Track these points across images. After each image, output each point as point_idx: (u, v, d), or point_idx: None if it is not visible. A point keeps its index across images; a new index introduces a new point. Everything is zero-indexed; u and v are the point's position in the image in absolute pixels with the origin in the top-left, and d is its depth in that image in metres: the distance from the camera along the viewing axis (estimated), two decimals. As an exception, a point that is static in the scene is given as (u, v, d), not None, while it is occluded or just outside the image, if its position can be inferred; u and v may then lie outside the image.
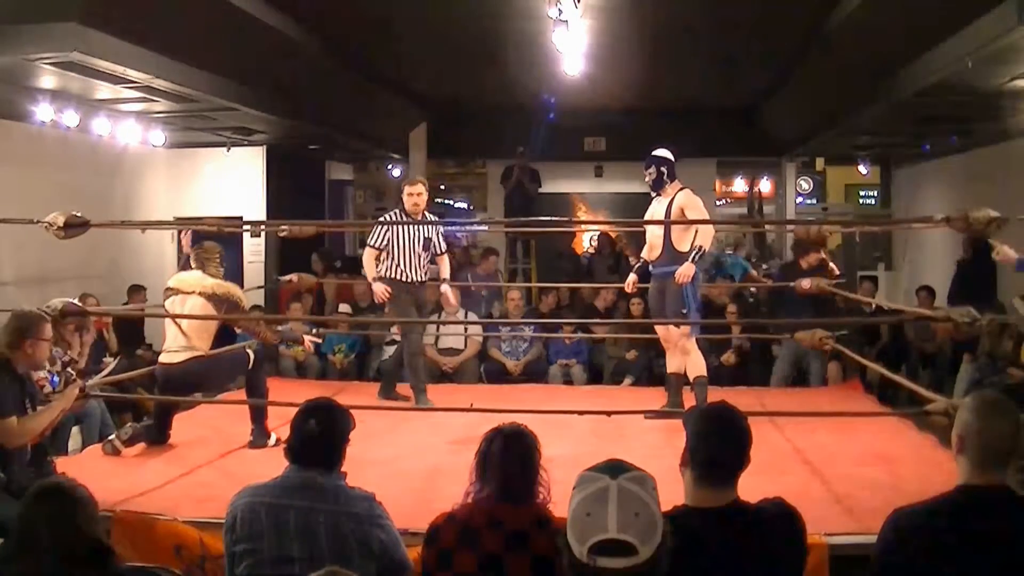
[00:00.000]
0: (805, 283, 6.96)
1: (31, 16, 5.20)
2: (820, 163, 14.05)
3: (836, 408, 6.02)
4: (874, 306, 7.50)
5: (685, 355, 5.75)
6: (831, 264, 7.56)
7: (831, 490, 4.23)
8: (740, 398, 4.85)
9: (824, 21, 6.86)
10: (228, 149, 9.90)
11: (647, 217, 6.00)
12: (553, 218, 11.40)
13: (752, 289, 9.17)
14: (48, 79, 6.26)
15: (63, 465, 4.54)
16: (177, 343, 5.12)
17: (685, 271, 5.53)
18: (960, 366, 7.42)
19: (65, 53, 5.41)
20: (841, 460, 4.79)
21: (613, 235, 10.91)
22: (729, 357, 7.75)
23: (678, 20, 7.11)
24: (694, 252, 5.56)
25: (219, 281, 5.23)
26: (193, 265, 5.32)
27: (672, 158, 5.78)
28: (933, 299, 8.33)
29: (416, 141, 12.04)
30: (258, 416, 5.18)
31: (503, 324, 8.13)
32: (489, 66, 8.69)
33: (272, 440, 5.10)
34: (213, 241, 5.54)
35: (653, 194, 5.89)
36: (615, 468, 1.76)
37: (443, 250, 6.48)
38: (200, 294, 5.13)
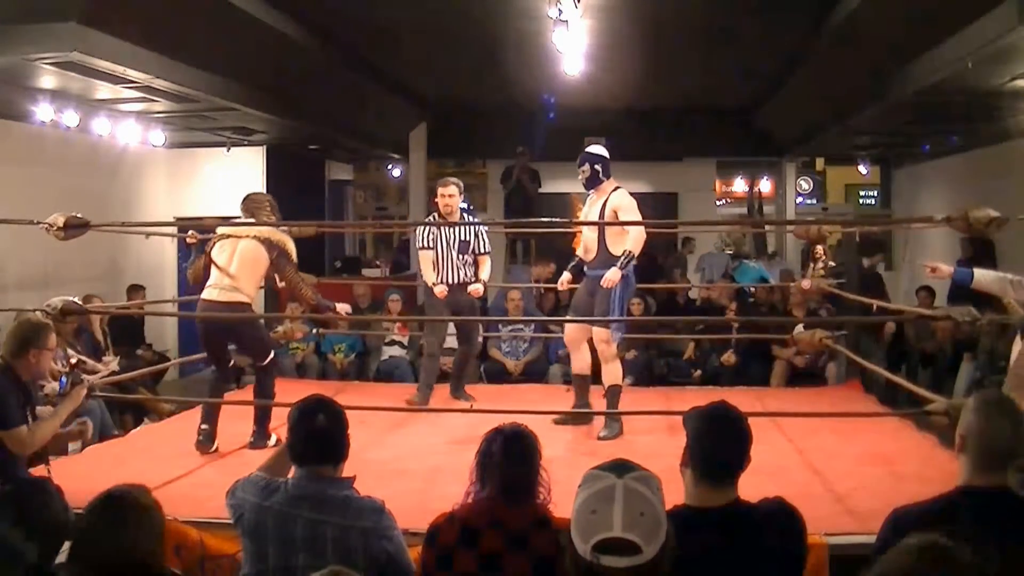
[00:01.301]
0: (805, 283, 6.96)
1: (31, 16, 5.20)
2: (820, 163, 14.07)
3: (836, 408, 6.01)
4: (875, 308, 7.51)
5: (604, 361, 5.52)
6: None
7: (831, 490, 4.23)
8: (740, 398, 4.85)
9: (824, 21, 6.86)
10: (228, 149, 9.90)
11: (583, 217, 5.78)
12: (553, 218, 11.40)
13: (752, 289, 9.18)
14: (48, 79, 6.26)
15: (64, 465, 4.54)
16: (224, 283, 5.05)
17: (611, 276, 5.27)
18: (960, 366, 7.43)
19: (65, 53, 5.41)
20: (841, 460, 4.79)
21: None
22: (729, 357, 7.75)
23: (678, 20, 7.11)
24: (623, 258, 5.32)
25: (273, 228, 5.20)
26: (244, 216, 5.28)
27: (607, 155, 5.56)
28: (933, 299, 8.33)
29: (416, 141, 12.05)
30: (262, 417, 5.18)
31: (503, 324, 8.12)
32: (489, 66, 8.69)
33: (272, 441, 5.10)
34: (260, 192, 5.48)
35: (587, 192, 5.68)
36: (621, 467, 1.76)
37: (485, 250, 6.30)
38: (255, 237, 5.08)
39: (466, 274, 6.23)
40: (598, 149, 5.58)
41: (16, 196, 7.06)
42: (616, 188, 5.51)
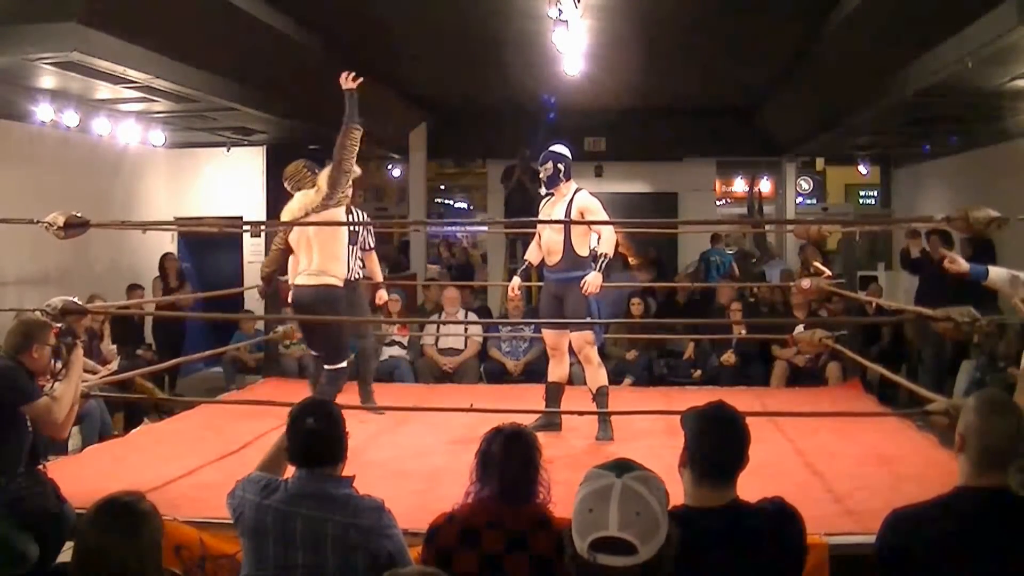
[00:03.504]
0: (805, 283, 6.96)
1: (31, 16, 5.20)
2: (820, 163, 14.07)
3: (836, 408, 6.02)
4: (875, 306, 7.52)
5: (588, 364, 5.44)
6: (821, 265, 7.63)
7: (831, 490, 4.23)
8: (740, 398, 4.85)
9: (824, 21, 6.86)
10: (228, 149, 9.91)
11: (542, 218, 5.63)
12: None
13: (754, 289, 9.20)
14: (48, 79, 6.26)
15: (64, 465, 4.55)
16: (311, 268, 5.02)
17: (594, 281, 5.20)
18: (960, 366, 7.43)
19: (65, 53, 5.41)
20: (841, 460, 4.79)
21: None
22: (729, 357, 7.76)
23: (679, 20, 7.11)
24: (600, 261, 5.25)
25: (320, 185, 5.16)
26: (292, 191, 5.24)
27: (569, 155, 5.48)
28: (933, 299, 8.32)
29: (416, 141, 12.05)
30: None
31: (503, 324, 8.13)
32: (489, 66, 8.69)
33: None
34: (294, 162, 5.43)
35: (544, 193, 5.60)
36: (622, 467, 1.76)
37: (371, 246, 6.25)
38: (314, 211, 5.04)
39: (360, 269, 6.11)
40: (561, 148, 5.49)
41: (16, 196, 7.06)
42: (578, 189, 5.46)
